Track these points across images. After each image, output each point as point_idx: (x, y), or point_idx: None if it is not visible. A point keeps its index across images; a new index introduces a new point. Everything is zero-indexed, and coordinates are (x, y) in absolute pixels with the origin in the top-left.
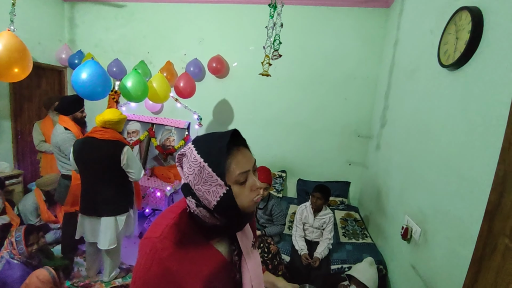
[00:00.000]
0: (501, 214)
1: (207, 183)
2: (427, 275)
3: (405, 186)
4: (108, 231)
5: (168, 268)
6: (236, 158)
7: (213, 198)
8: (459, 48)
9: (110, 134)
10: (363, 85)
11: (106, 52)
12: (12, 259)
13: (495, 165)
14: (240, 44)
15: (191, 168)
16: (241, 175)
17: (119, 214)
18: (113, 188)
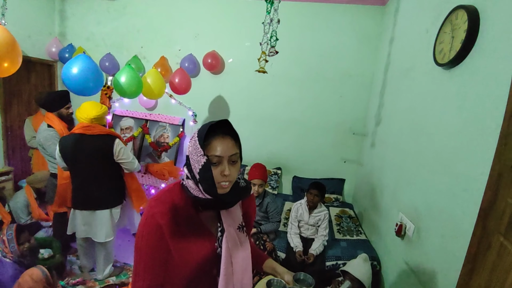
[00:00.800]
0: (495, 213)
1: (195, 152)
2: (420, 271)
3: (399, 184)
4: (104, 224)
5: (158, 224)
6: (216, 141)
7: (198, 166)
8: (454, 47)
9: (98, 128)
10: (358, 82)
11: (98, 46)
12: (4, 258)
13: (489, 164)
14: (235, 40)
15: (191, 141)
16: (213, 156)
17: (114, 207)
18: (108, 182)
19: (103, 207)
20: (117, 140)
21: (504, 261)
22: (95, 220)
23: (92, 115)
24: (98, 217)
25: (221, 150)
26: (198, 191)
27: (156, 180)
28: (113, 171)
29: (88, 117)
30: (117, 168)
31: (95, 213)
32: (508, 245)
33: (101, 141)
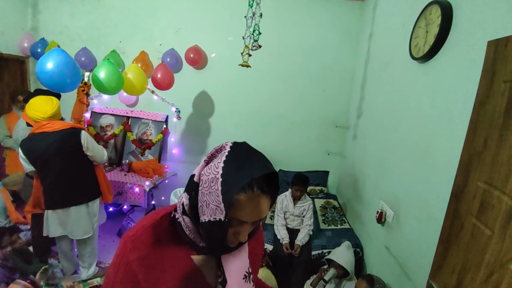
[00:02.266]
0: (467, 196)
1: (212, 198)
2: (399, 255)
3: (380, 174)
4: (81, 220)
5: (134, 273)
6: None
7: (209, 217)
8: (428, 42)
9: (59, 124)
10: (340, 77)
11: (73, 41)
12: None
13: (459, 151)
14: (218, 34)
15: (211, 170)
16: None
17: (91, 200)
18: (80, 176)
19: (78, 202)
20: (83, 132)
21: (479, 241)
22: (70, 217)
23: (49, 113)
24: (73, 214)
25: (251, 215)
26: (197, 236)
27: (140, 178)
28: (85, 164)
29: (46, 115)
30: (88, 161)
31: (69, 210)
32: (481, 226)
33: (65, 136)
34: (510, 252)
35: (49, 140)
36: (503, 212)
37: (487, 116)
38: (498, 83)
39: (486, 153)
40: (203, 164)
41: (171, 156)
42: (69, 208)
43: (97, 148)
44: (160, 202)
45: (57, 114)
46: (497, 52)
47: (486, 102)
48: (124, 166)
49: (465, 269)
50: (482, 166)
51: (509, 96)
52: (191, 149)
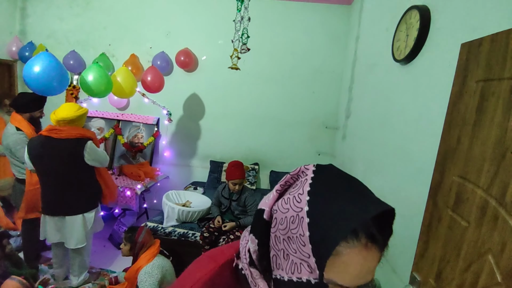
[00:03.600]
0: (443, 190)
1: (294, 244)
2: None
3: (368, 172)
4: (75, 230)
5: None
6: (352, 254)
7: (289, 270)
8: (409, 44)
9: (67, 132)
10: (329, 79)
11: (61, 44)
12: None
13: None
14: (208, 37)
15: (289, 204)
16: (334, 285)
17: (87, 212)
18: (79, 187)
19: (73, 212)
20: (89, 144)
21: (456, 232)
22: (65, 226)
23: (59, 117)
24: (68, 223)
25: (355, 277)
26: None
27: (132, 182)
28: (85, 176)
29: (56, 118)
30: (90, 172)
31: (65, 219)
32: (457, 218)
33: (69, 145)
34: (487, 243)
35: (50, 145)
36: (477, 204)
37: (460, 114)
38: (471, 83)
39: (460, 149)
40: (275, 196)
41: (162, 159)
42: (65, 217)
43: (99, 157)
44: (152, 205)
45: (70, 122)
46: (470, 53)
47: (459, 101)
48: (115, 170)
49: (445, 259)
50: (457, 162)
51: (480, 95)
52: (183, 152)
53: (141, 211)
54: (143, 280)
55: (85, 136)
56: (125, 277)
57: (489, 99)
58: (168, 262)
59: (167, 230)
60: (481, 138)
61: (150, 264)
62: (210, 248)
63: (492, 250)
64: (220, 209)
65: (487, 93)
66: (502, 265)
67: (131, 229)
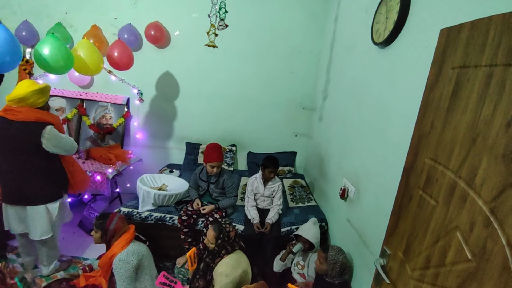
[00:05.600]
0: (415, 171)
1: None
2: (359, 227)
3: (343, 153)
4: (38, 221)
5: None
6: None
7: None
8: (388, 27)
9: (24, 114)
10: (307, 59)
11: (14, 14)
12: None
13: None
14: (181, 10)
15: None
16: None
17: (50, 202)
18: (39, 175)
19: (34, 203)
20: (47, 129)
21: (424, 210)
22: (27, 216)
23: (12, 95)
24: (31, 214)
25: None
26: None
27: (101, 166)
28: (46, 163)
29: (9, 97)
30: (53, 159)
31: (26, 209)
32: (427, 197)
33: (24, 129)
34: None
35: (8, 129)
36: (446, 185)
37: (435, 100)
38: (447, 69)
39: (433, 133)
40: None
41: (134, 141)
42: (26, 207)
43: (64, 144)
44: (125, 189)
45: (25, 100)
46: (448, 40)
47: (435, 86)
48: (82, 153)
49: (413, 235)
50: (429, 145)
51: (456, 82)
52: (157, 133)
53: (114, 196)
54: (118, 267)
55: (43, 120)
56: (99, 265)
57: (464, 86)
58: (145, 247)
59: (143, 215)
60: (454, 123)
61: (125, 250)
62: (188, 231)
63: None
64: (198, 191)
65: (463, 80)
66: (471, 243)
67: (102, 215)
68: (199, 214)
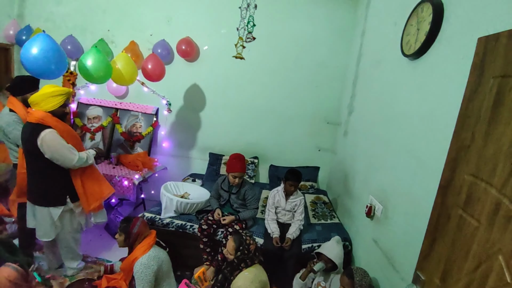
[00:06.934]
0: (454, 188)
1: None
2: (387, 248)
3: (369, 169)
4: (42, 222)
5: None
6: None
7: None
8: (419, 39)
9: (35, 116)
10: (333, 73)
11: (59, 28)
12: None
13: (446, 146)
14: (211, 26)
15: None
16: None
17: (52, 206)
18: (43, 178)
19: (39, 203)
20: (45, 133)
21: (465, 231)
22: (36, 214)
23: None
24: (38, 213)
25: None
26: None
27: (129, 171)
28: (51, 168)
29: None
30: (53, 166)
31: (35, 207)
32: (467, 217)
33: (27, 131)
34: (498, 243)
35: (24, 131)
36: (490, 203)
37: (475, 111)
38: (487, 79)
39: (473, 147)
40: None
41: (161, 149)
42: (34, 206)
43: (60, 152)
44: (149, 196)
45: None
46: (487, 48)
47: (474, 97)
48: (113, 159)
49: (451, 259)
50: (469, 160)
51: (497, 91)
52: (182, 143)
53: (139, 202)
54: (139, 271)
55: (45, 122)
56: (121, 268)
57: (506, 96)
58: (165, 253)
59: (164, 221)
60: (497, 136)
61: (146, 255)
62: (208, 240)
63: (503, 250)
64: (219, 201)
65: (505, 89)
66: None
67: (126, 219)
68: (219, 224)
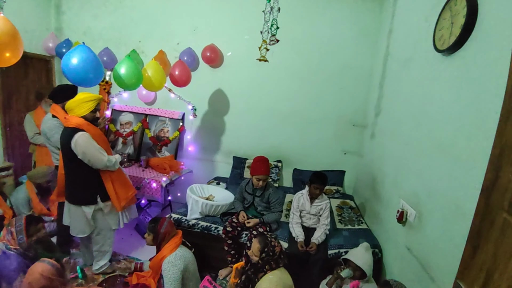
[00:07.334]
0: (498, 190)
1: None
2: (421, 255)
3: (399, 172)
4: (76, 220)
5: None
6: None
7: None
8: (454, 33)
9: (70, 121)
10: (358, 75)
11: (95, 41)
12: (9, 250)
13: (489, 144)
14: (234, 33)
15: None
16: None
17: (84, 205)
18: (75, 178)
19: (72, 202)
20: (78, 135)
21: (509, 236)
22: (71, 213)
23: (67, 105)
24: (72, 211)
25: None
26: None
27: (157, 174)
28: (81, 168)
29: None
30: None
31: (70, 205)
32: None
33: (64, 135)
34: None
35: (61, 135)
36: None
37: None
38: None
39: None
40: None
41: (187, 153)
42: (70, 204)
43: (91, 153)
44: (176, 198)
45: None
46: None
47: None
48: (142, 162)
49: (494, 266)
50: None
51: None
52: (207, 147)
53: (166, 203)
54: (167, 269)
55: (78, 126)
56: (150, 266)
57: None
58: (191, 253)
59: (190, 223)
60: None
61: (173, 254)
62: (232, 243)
63: None
64: (243, 204)
65: None
66: None
67: (154, 219)
68: (243, 227)
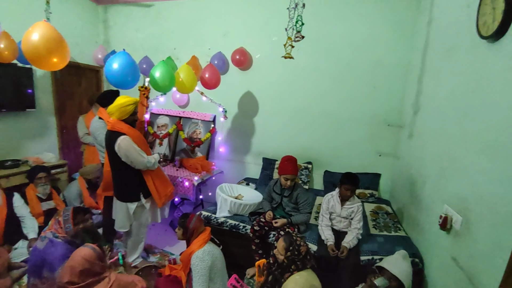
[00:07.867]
0: None
1: None
2: (469, 267)
3: (442, 174)
4: (119, 214)
5: None
6: None
7: None
8: (497, 18)
9: (111, 124)
10: (392, 71)
11: (137, 51)
12: (56, 238)
13: None
14: (263, 35)
15: None
16: None
17: (128, 202)
18: (120, 177)
19: (120, 199)
20: (121, 139)
21: None
22: (116, 208)
23: (109, 109)
24: (117, 207)
25: None
26: None
27: (190, 174)
28: (123, 168)
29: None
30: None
31: (115, 200)
32: None
33: (108, 137)
34: None
35: (106, 137)
36: None
37: None
38: None
39: None
40: None
41: (218, 154)
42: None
43: (132, 158)
44: (207, 197)
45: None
46: None
47: None
48: (176, 162)
49: None
50: None
51: None
52: (237, 148)
53: (198, 202)
54: (195, 264)
55: (121, 129)
56: (180, 259)
57: None
58: (218, 249)
59: (219, 220)
60: None
61: (202, 249)
62: (259, 242)
63: None
64: (271, 204)
65: None
66: None
67: (184, 215)
68: (271, 227)
